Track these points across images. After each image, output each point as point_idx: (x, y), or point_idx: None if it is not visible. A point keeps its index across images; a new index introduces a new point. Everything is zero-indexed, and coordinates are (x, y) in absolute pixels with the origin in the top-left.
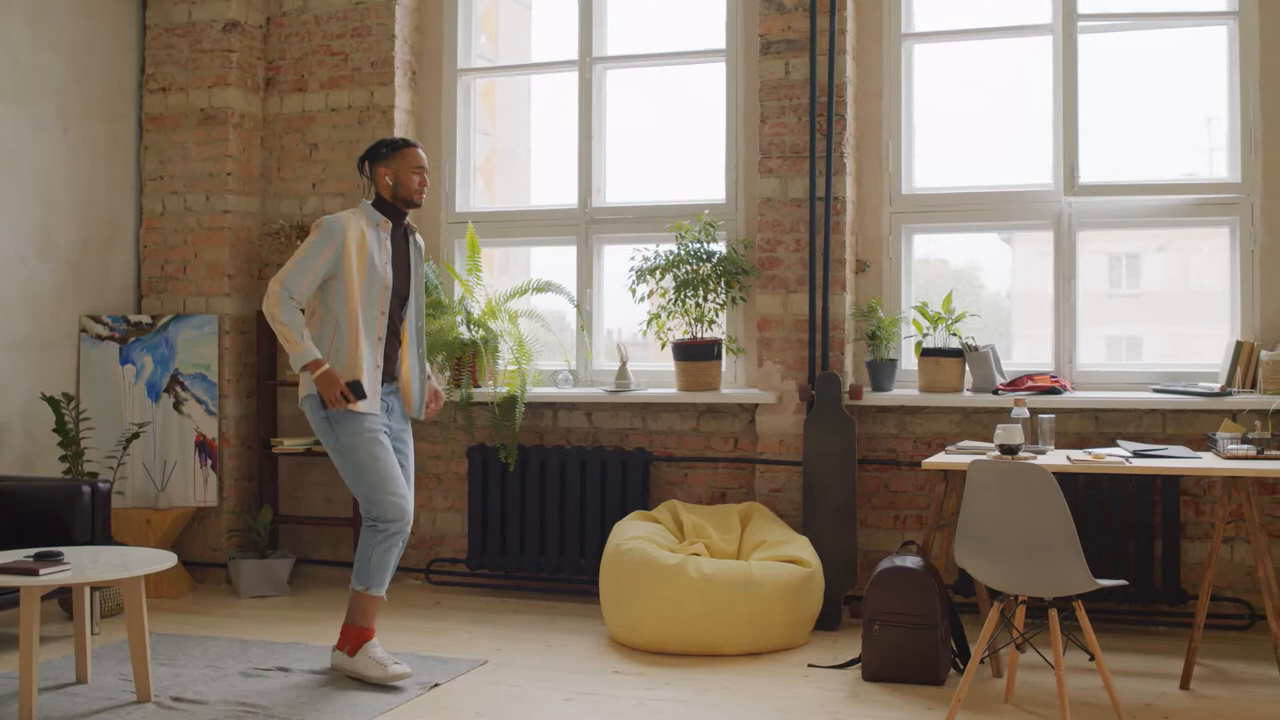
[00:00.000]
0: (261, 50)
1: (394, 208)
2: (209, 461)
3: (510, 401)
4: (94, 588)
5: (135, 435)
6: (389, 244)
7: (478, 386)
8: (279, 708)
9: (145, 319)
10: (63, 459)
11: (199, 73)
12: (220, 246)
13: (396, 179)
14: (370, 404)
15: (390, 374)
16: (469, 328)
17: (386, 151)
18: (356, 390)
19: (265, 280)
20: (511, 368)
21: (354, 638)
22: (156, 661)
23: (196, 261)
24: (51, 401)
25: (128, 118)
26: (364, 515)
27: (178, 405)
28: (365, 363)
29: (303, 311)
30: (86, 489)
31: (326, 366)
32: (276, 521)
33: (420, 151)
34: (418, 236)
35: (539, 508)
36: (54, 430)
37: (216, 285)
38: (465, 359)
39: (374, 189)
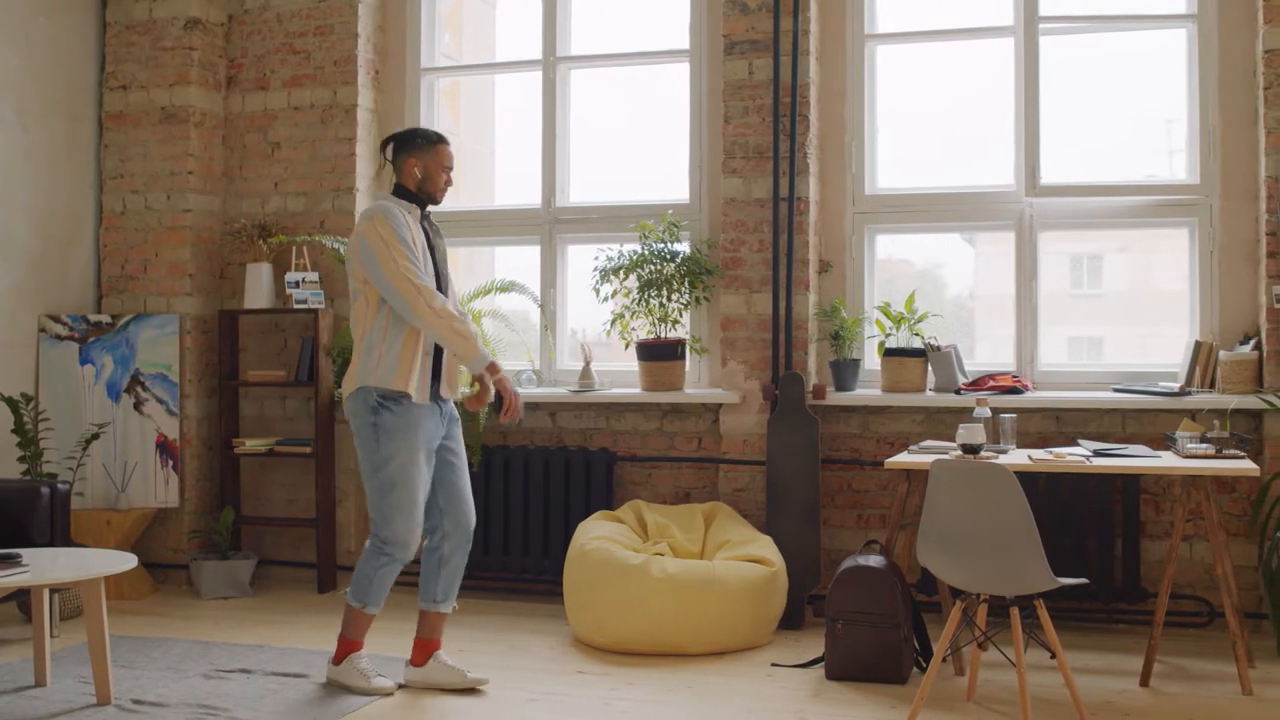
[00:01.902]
0: (223, 48)
1: (416, 198)
2: (170, 462)
3: None
4: (53, 589)
5: (95, 436)
6: (421, 228)
7: None
8: (241, 709)
9: (105, 318)
10: (21, 460)
11: (160, 70)
12: (181, 246)
13: (426, 173)
14: (420, 394)
15: (438, 367)
16: None
17: (421, 143)
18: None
19: (227, 280)
20: None
21: (342, 648)
22: (116, 664)
23: (157, 261)
24: (10, 402)
25: (88, 116)
26: (372, 532)
27: (138, 405)
28: (419, 354)
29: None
30: (45, 490)
31: (503, 373)
32: (238, 522)
33: (451, 151)
34: (432, 222)
35: (503, 508)
36: (12, 431)
37: (178, 285)
38: None
39: (397, 176)
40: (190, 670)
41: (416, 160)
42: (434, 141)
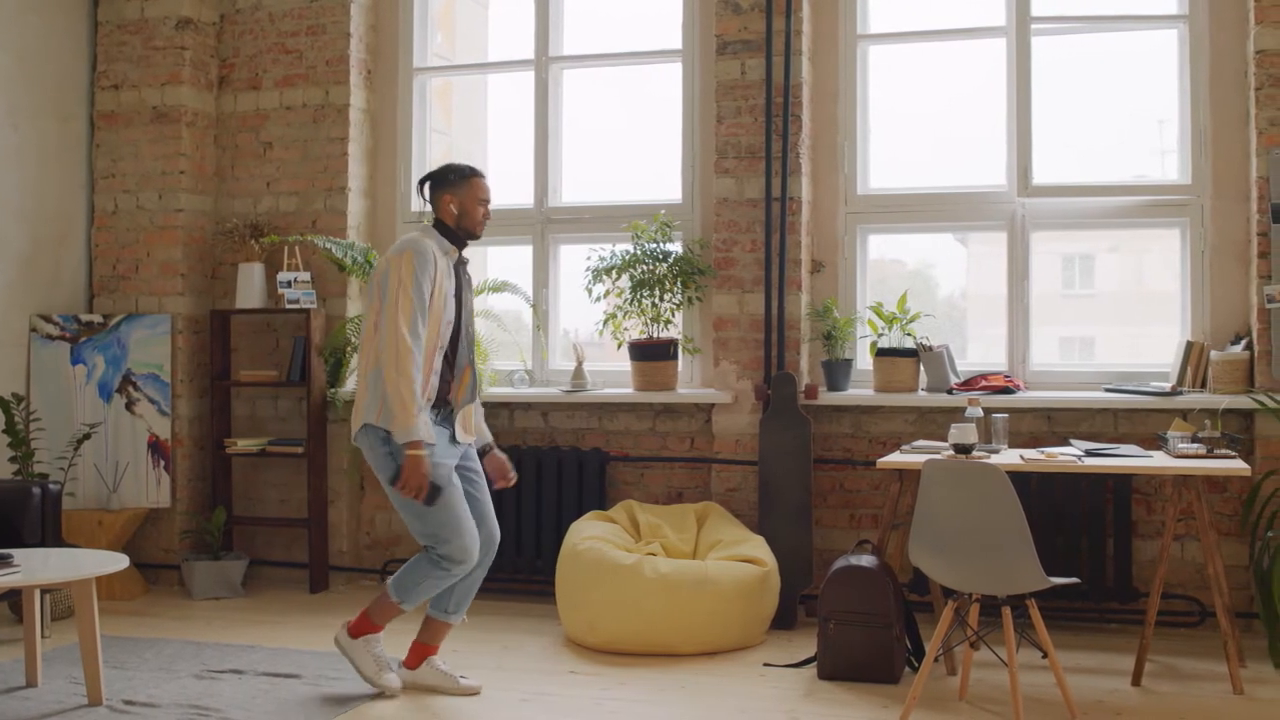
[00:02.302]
0: (215, 48)
1: (456, 236)
2: (162, 462)
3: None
4: (44, 590)
5: (86, 436)
6: (453, 274)
7: None
8: (232, 710)
9: (97, 318)
10: (12, 460)
11: (151, 70)
12: (173, 245)
13: (462, 208)
14: (427, 435)
15: (446, 403)
16: None
17: (455, 179)
18: (434, 493)
19: (219, 279)
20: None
21: (362, 624)
22: (108, 664)
23: (149, 260)
24: (1, 402)
25: (79, 115)
26: (429, 550)
27: (130, 405)
28: (428, 401)
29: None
30: (37, 490)
31: (426, 453)
32: (230, 523)
33: (486, 183)
34: (468, 268)
35: (495, 508)
36: (3, 431)
37: (169, 284)
38: None
39: (435, 213)
40: (182, 671)
41: (452, 196)
42: (467, 176)
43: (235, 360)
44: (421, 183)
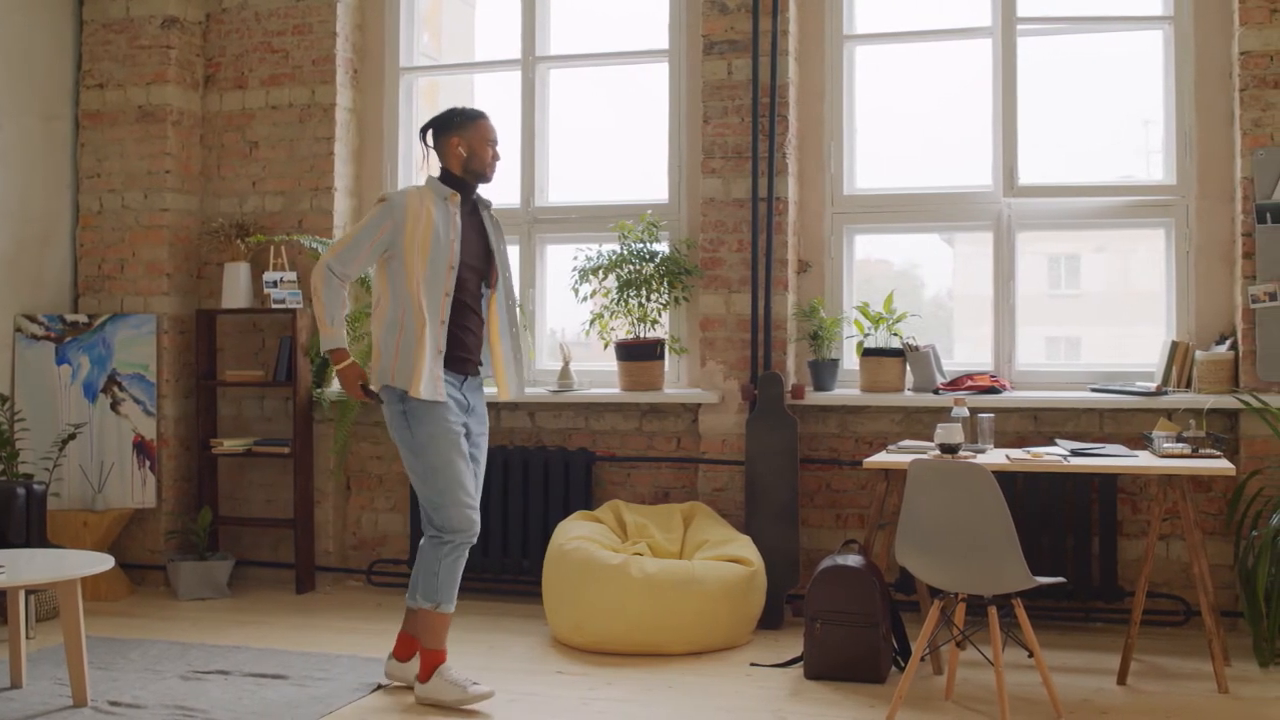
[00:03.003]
0: (201, 47)
1: (463, 181)
2: (147, 462)
3: None
4: (29, 590)
5: (72, 436)
6: (458, 219)
7: None
8: (218, 711)
9: (82, 318)
10: None
11: (137, 69)
12: (159, 245)
13: (470, 150)
14: (433, 391)
15: (467, 362)
16: None
17: (460, 121)
18: (371, 397)
19: (205, 279)
20: None
21: (427, 662)
22: (93, 665)
23: (134, 260)
24: None
25: (64, 114)
26: (427, 522)
27: (115, 406)
28: (427, 350)
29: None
30: (21, 491)
31: (349, 362)
32: (216, 523)
33: (493, 124)
34: (492, 210)
35: (481, 508)
36: None
37: (155, 284)
38: None
39: (441, 160)
40: (167, 671)
41: (459, 138)
42: (474, 118)
43: (221, 360)
44: (424, 130)
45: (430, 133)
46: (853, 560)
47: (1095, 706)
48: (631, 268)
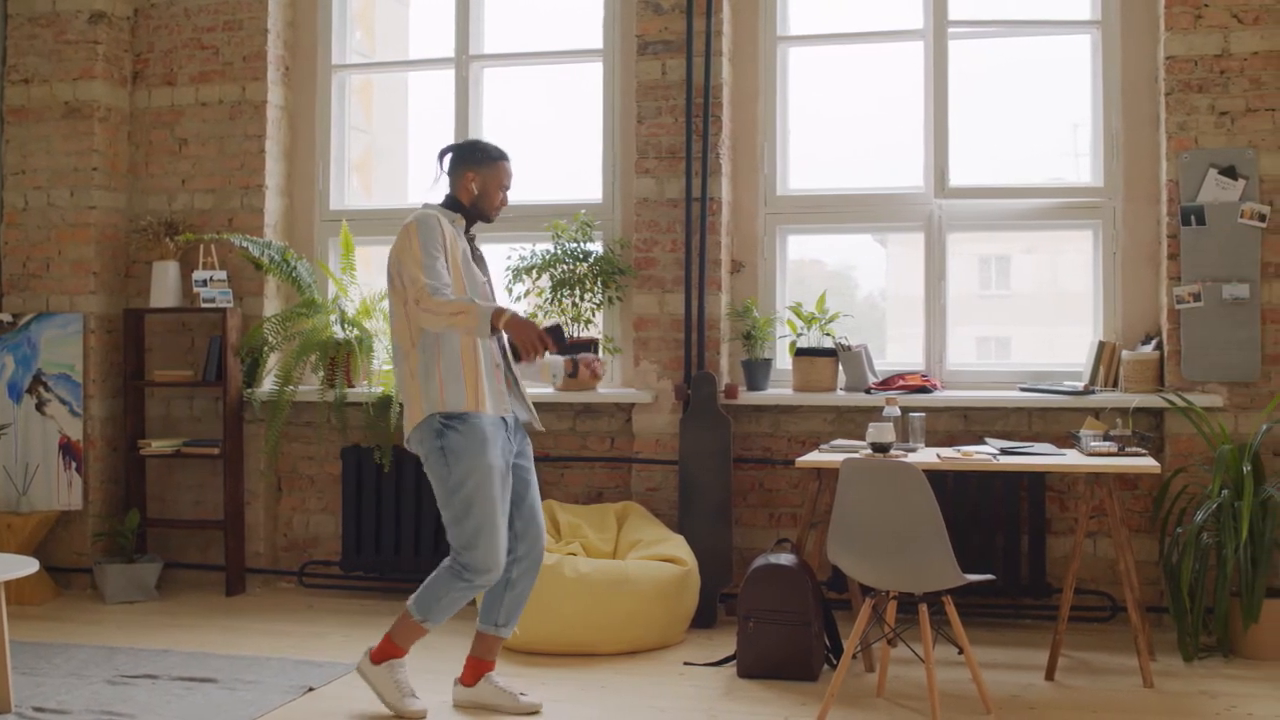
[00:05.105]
0: (129, 42)
1: (468, 213)
2: (74, 464)
3: (385, 401)
4: None
5: None
6: (467, 248)
7: (352, 386)
8: (145, 716)
9: (6, 318)
10: None
11: (63, 65)
12: (86, 243)
13: (483, 189)
14: (498, 405)
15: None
16: (343, 327)
17: (482, 158)
18: (557, 335)
19: (133, 278)
20: (386, 367)
21: (385, 649)
22: (17, 671)
23: (60, 259)
24: None
25: None
26: (453, 556)
27: (40, 406)
28: (484, 366)
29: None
30: None
31: (511, 312)
32: (144, 525)
33: (511, 169)
34: (476, 243)
35: (414, 509)
36: None
37: (81, 283)
38: (339, 359)
39: (450, 188)
40: (94, 676)
41: (475, 175)
42: (495, 158)
43: (149, 360)
44: (444, 152)
45: (449, 157)
46: (785, 559)
47: (1024, 702)
48: (565, 267)
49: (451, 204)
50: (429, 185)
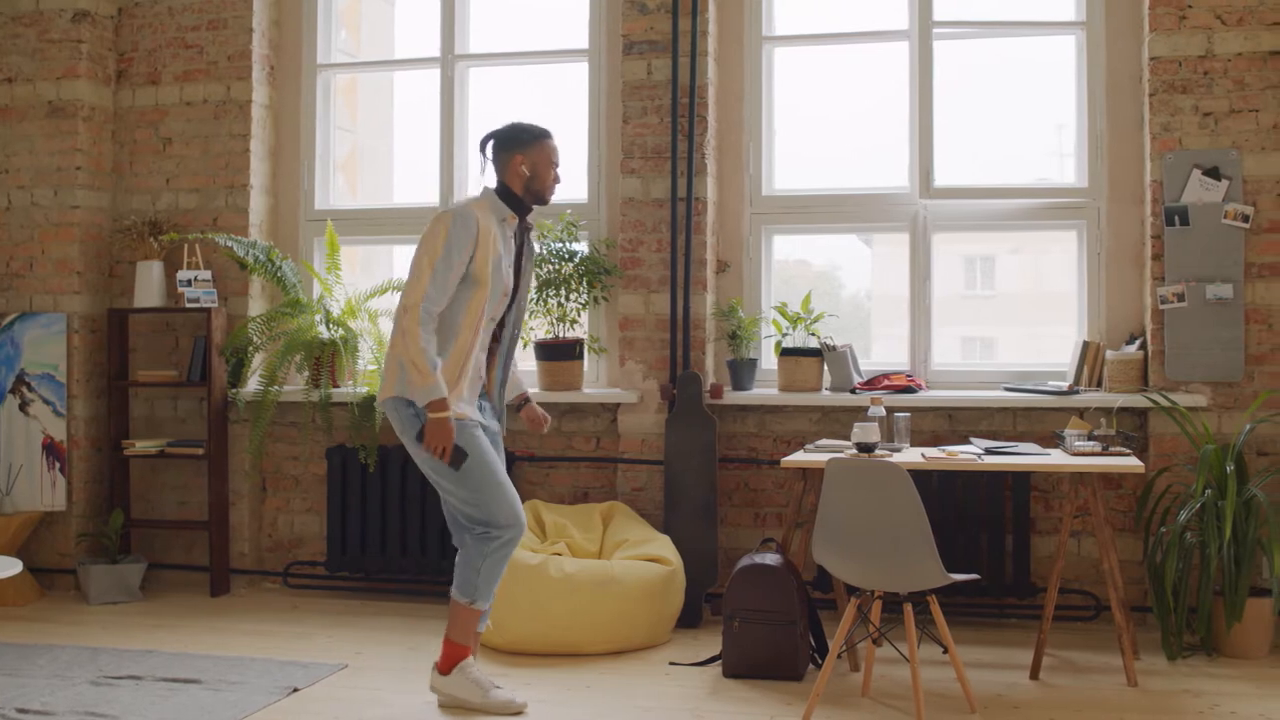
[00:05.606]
0: (113, 41)
1: (521, 201)
2: (57, 464)
3: (370, 401)
4: None
5: None
6: (513, 243)
7: (337, 386)
8: (129, 717)
9: None
10: None
11: (47, 63)
12: (69, 243)
13: (534, 171)
14: (470, 410)
15: (480, 378)
16: (328, 327)
17: (527, 139)
18: (459, 456)
19: (117, 278)
20: (372, 367)
21: (449, 654)
22: (0, 672)
23: (44, 258)
24: None
25: None
26: (470, 522)
27: (24, 406)
28: (469, 375)
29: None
30: None
31: (448, 414)
32: (128, 525)
33: (556, 145)
34: (534, 235)
35: (399, 509)
36: None
37: (65, 283)
38: (324, 358)
39: (500, 177)
40: (77, 677)
41: (524, 157)
42: (539, 136)
43: (133, 360)
44: (484, 141)
45: (491, 145)
46: (770, 559)
47: (1008, 701)
48: (551, 267)
49: (504, 192)
50: (478, 176)
